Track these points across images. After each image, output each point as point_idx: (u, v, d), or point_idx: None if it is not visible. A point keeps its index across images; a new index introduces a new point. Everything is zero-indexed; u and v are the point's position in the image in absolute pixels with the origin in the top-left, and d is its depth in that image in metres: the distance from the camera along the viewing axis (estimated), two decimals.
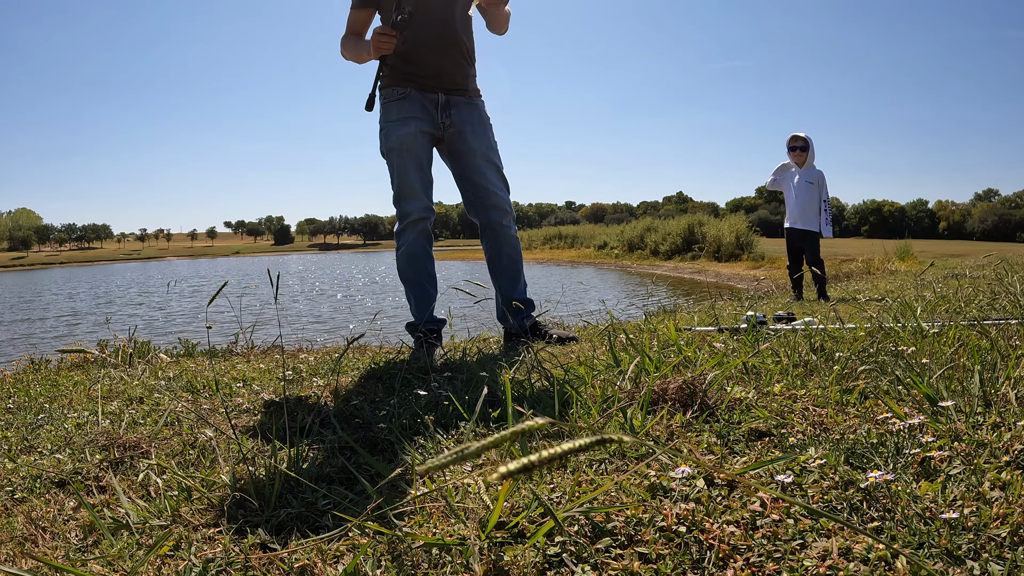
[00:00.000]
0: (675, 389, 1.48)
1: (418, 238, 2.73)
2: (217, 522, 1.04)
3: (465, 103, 2.77)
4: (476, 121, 2.78)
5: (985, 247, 29.27)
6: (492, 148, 2.82)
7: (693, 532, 0.90)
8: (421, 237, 2.73)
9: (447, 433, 1.44)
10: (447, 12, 2.66)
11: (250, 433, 1.54)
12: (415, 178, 2.69)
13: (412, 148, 2.68)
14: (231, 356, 3.32)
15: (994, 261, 8.07)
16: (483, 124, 2.81)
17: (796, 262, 6.01)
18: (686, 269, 22.19)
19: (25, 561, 0.96)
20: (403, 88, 2.69)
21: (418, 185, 2.69)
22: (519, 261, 2.91)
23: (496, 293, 2.92)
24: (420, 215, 2.70)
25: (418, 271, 2.75)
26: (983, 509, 0.89)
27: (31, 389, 2.53)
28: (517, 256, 2.90)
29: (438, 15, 2.64)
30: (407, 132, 2.67)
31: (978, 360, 1.53)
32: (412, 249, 2.73)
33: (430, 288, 2.80)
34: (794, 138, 5.96)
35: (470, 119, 2.77)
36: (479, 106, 2.82)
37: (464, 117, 2.76)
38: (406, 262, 2.76)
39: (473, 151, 2.76)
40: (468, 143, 2.75)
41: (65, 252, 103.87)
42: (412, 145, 2.68)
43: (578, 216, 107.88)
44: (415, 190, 2.69)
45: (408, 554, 0.90)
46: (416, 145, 2.68)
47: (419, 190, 2.70)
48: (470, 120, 2.77)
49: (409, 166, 2.69)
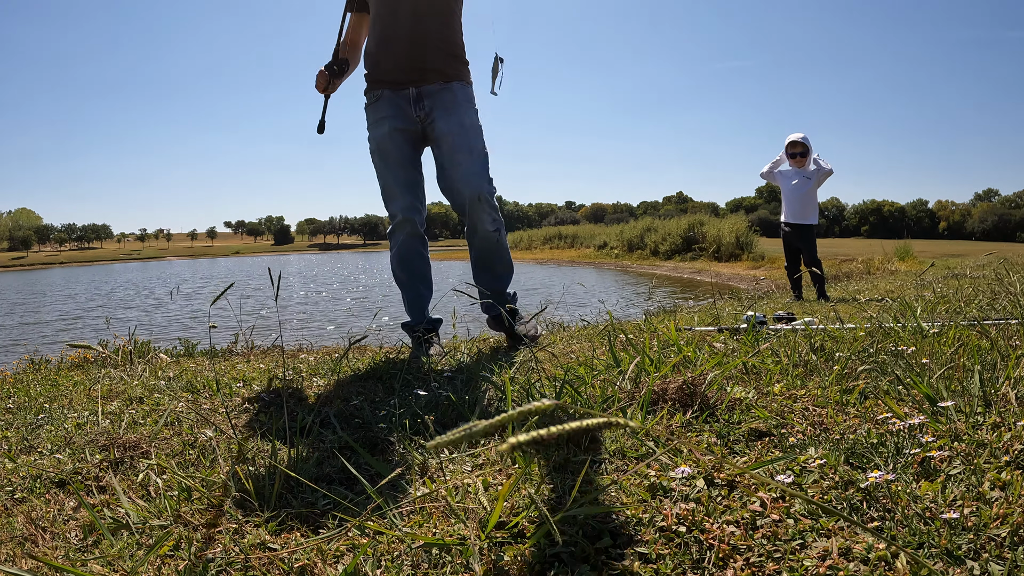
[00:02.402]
0: (675, 389, 1.48)
1: (407, 239, 2.67)
2: (217, 522, 1.04)
3: (438, 89, 2.62)
4: (449, 104, 2.61)
5: (985, 247, 29.28)
6: (466, 129, 2.61)
7: (693, 532, 0.90)
8: (410, 238, 2.68)
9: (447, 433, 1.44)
10: (417, 4, 2.55)
11: (250, 433, 1.54)
12: (394, 179, 2.64)
13: (387, 149, 2.64)
14: (231, 356, 3.32)
15: (994, 261, 8.07)
16: (455, 105, 2.63)
17: (794, 262, 6.01)
18: (686, 269, 22.19)
19: (25, 561, 0.96)
20: (376, 91, 2.65)
21: (398, 186, 2.64)
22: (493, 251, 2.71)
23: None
24: (404, 216, 2.64)
25: (410, 273, 2.72)
26: (983, 509, 0.89)
27: (31, 389, 2.53)
28: (490, 246, 2.69)
29: (407, 8, 2.55)
30: (381, 133, 2.63)
31: (978, 360, 1.53)
32: (401, 251, 2.69)
33: (423, 289, 2.75)
34: (792, 144, 5.94)
35: (442, 103, 2.62)
36: (454, 89, 2.64)
37: (436, 103, 2.62)
38: (397, 264, 2.73)
39: (444, 136, 2.61)
40: (438, 128, 2.61)
41: (65, 252, 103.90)
42: (387, 145, 2.63)
43: (578, 216, 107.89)
44: (394, 191, 2.64)
45: (408, 554, 0.90)
46: (391, 145, 2.63)
47: (400, 191, 2.64)
48: (442, 104, 2.62)
49: (387, 167, 2.65)
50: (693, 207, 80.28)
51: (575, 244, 36.31)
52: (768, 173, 6.11)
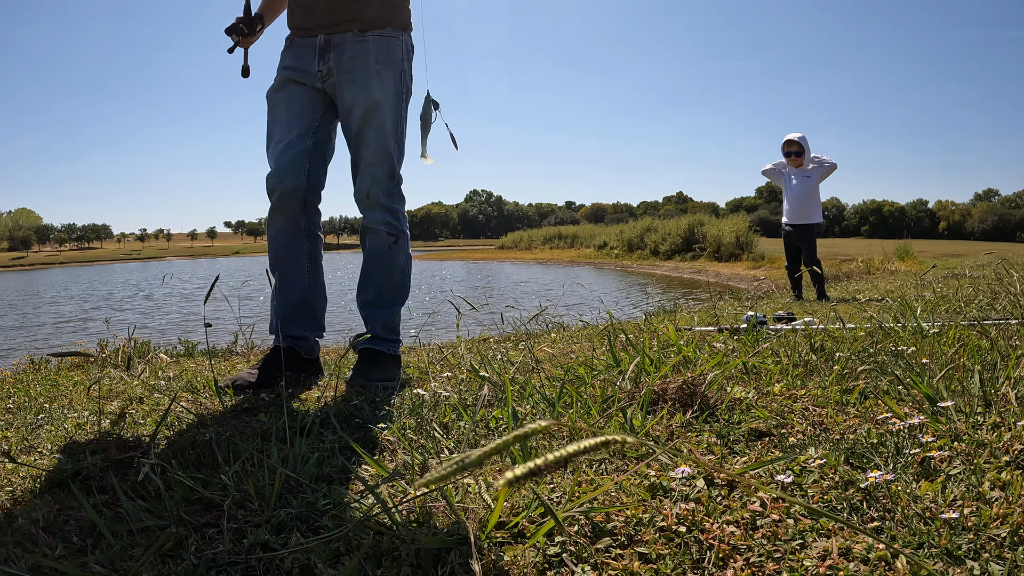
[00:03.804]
0: (675, 389, 1.48)
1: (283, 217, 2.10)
2: (217, 522, 1.04)
3: (350, 41, 2.05)
4: (359, 64, 2.03)
5: (985, 247, 29.29)
6: (373, 106, 2.03)
7: (693, 532, 0.90)
8: (279, 216, 2.10)
9: (447, 433, 1.44)
10: None
11: (250, 433, 1.54)
12: (274, 134, 2.11)
13: (274, 100, 2.13)
14: (231, 356, 3.32)
15: (994, 261, 8.07)
16: (366, 67, 2.03)
17: (794, 262, 6.02)
18: (686, 269, 22.19)
19: (25, 561, 0.96)
20: (288, 38, 2.17)
21: (279, 143, 2.09)
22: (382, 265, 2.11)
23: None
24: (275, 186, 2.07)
25: (278, 261, 2.12)
26: (983, 509, 0.89)
27: (31, 389, 2.53)
28: (378, 257, 2.11)
29: None
30: (274, 84, 2.14)
31: (978, 360, 1.53)
32: (270, 233, 2.15)
33: (296, 282, 2.14)
34: (788, 143, 5.96)
35: (349, 63, 2.04)
36: (369, 44, 2.04)
37: (343, 60, 2.05)
38: (269, 248, 2.16)
39: (345, 109, 2.07)
40: (340, 98, 2.07)
41: (65, 252, 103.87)
42: (273, 97, 2.13)
43: (578, 216, 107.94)
44: (274, 151, 2.10)
45: (408, 554, 0.90)
46: (278, 96, 2.12)
47: (279, 150, 2.08)
48: (349, 64, 2.04)
49: (271, 124, 2.13)
50: (693, 207, 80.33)
51: (575, 244, 36.34)
52: (770, 171, 6.12)
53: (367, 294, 2.13)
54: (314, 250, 2.16)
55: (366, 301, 2.13)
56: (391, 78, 2.07)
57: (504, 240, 48.23)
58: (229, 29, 2.15)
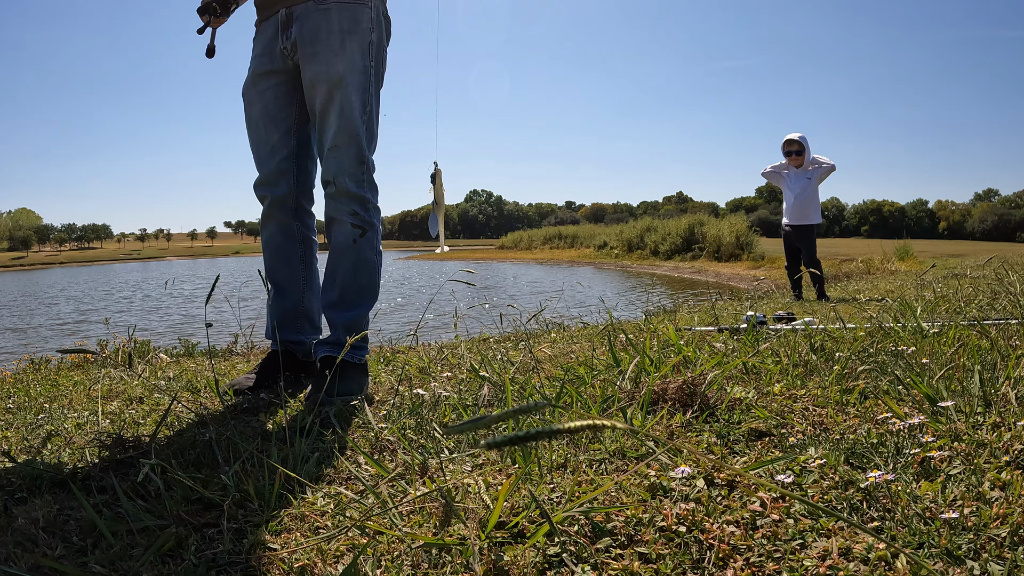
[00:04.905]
0: (675, 389, 1.48)
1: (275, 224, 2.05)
2: (217, 522, 1.04)
3: (312, 10, 1.86)
4: (321, 34, 1.85)
5: (985, 247, 29.31)
6: (337, 81, 1.84)
7: (693, 532, 0.90)
8: (271, 223, 2.05)
9: (447, 433, 1.44)
10: None
11: (250, 433, 1.54)
12: (255, 139, 2.02)
13: (250, 98, 2.01)
14: (231, 356, 3.32)
15: (994, 261, 8.07)
16: (329, 38, 1.85)
17: (794, 262, 6.02)
18: (686, 269, 22.20)
19: (25, 561, 0.96)
20: (257, 23, 2.02)
21: (262, 148, 2.00)
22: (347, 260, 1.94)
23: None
24: (264, 194, 2.02)
25: (272, 269, 2.08)
26: (983, 509, 0.89)
27: (31, 389, 2.53)
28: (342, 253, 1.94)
29: None
30: (247, 78, 2.02)
31: (978, 360, 1.53)
32: (264, 237, 2.10)
33: (291, 289, 2.09)
34: (788, 142, 5.97)
35: (311, 34, 1.86)
36: (332, 11, 1.85)
37: (303, 32, 1.87)
38: (264, 253, 2.12)
39: (308, 86, 1.90)
40: (303, 74, 1.90)
41: (65, 252, 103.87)
42: (248, 94, 2.02)
43: (578, 216, 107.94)
44: (258, 156, 2.01)
45: (408, 554, 0.90)
46: (252, 93, 2.00)
47: (263, 156, 2.00)
48: (311, 35, 1.86)
49: (249, 126, 2.03)
50: (693, 207, 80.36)
51: (575, 244, 36.34)
52: (770, 173, 6.13)
53: (330, 294, 1.96)
54: (308, 255, 2.11)
55: (329, 302, 1.96)
56: (357, 50, 1.87)
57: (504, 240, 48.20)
58: (201, 9, 2.03)
